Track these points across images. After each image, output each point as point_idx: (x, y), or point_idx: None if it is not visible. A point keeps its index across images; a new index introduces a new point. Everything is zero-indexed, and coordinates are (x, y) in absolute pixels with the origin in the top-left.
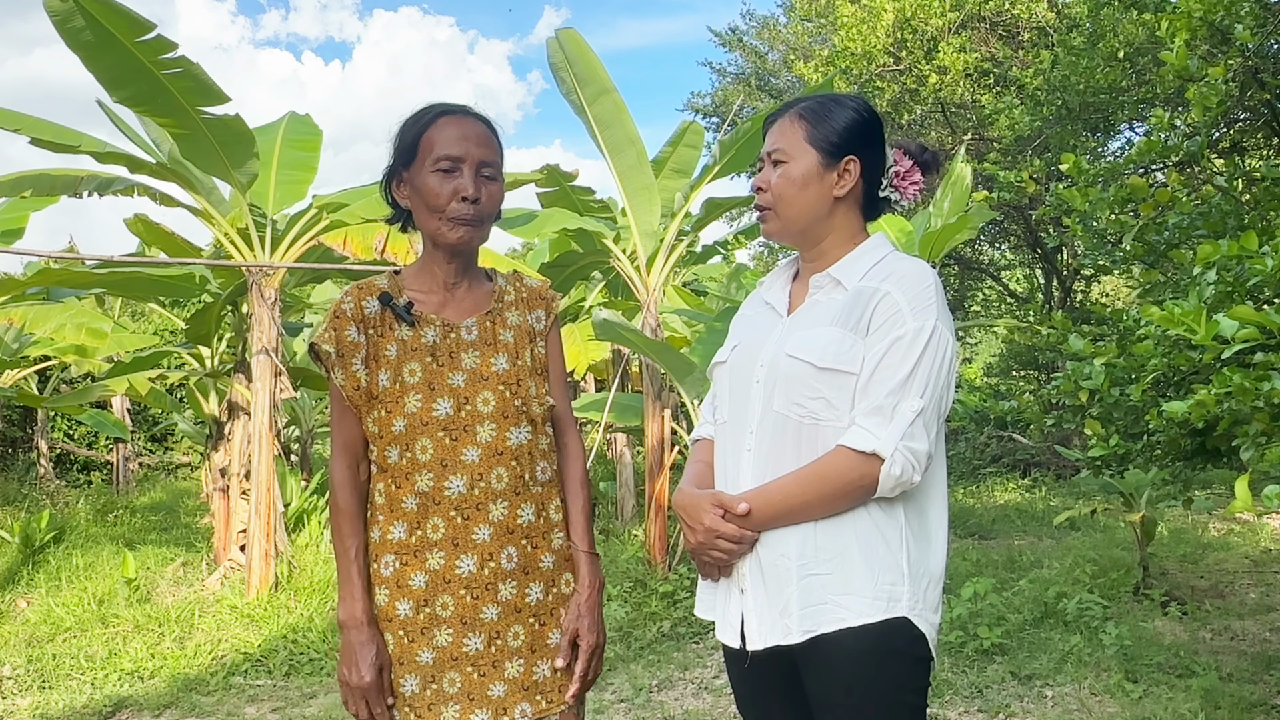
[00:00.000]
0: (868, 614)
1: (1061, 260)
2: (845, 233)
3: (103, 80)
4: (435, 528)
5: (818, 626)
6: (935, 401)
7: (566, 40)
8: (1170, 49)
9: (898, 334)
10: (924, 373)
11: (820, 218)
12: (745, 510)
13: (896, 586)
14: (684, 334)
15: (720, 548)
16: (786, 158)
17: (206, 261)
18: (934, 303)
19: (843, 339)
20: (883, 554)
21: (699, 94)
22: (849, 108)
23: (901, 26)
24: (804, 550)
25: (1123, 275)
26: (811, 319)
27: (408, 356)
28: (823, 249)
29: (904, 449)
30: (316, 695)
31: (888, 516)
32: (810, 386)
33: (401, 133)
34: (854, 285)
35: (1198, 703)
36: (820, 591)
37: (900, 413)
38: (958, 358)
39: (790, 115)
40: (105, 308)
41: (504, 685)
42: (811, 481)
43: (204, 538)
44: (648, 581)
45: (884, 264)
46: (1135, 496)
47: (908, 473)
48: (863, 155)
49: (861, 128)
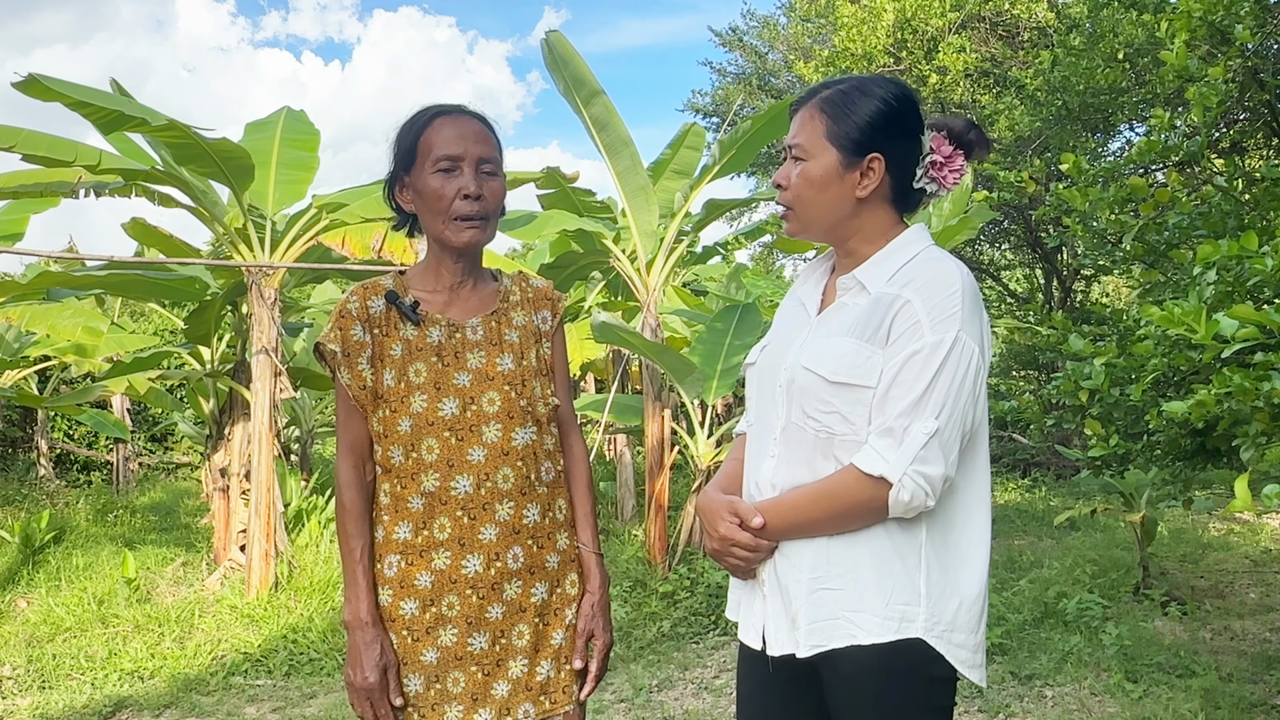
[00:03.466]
0: (878, 634)
1: (1061, 260)
2: (874, 230)
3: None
4: (442, 528)
5: (827, 642)
6: (956, 421)
7: (555, 43)
8: (1170, 49)
9: (914, 348)
10: (941, 391)
11: (843, 219)
12: (760, 524)
13: (911, 607)
14: (684, 334)
15: (736, 555)
16: (805, 155)
17: (207, 262)
18: (958, 312)
19: (858, 351)
20: (898, 572)
21: (699, 94)
22: (876, 98)
23: (901, 27)
24: (816, 564)
25: (1123, 275)
26: (832, 326)
27: (413, 356)
28: (850, 247)
29: (914, 474)
30: (316, 695)
31: (906, 535)
32: (823, 400)
33: (399, 137)
34: (877, 290)
35: (1198, 703)
36: (831, 606)
37: (912, 435)
38: (986, 368)
39: (811, 106)
40: (105, 308)
41: (507, 685)
42: (822, 499)
43: (204, 538)
44: (648, 581)
45: (911, 266)
46: (1135, 496)
47: (919, 498)
48: (890, 150)
49: (889, 119)
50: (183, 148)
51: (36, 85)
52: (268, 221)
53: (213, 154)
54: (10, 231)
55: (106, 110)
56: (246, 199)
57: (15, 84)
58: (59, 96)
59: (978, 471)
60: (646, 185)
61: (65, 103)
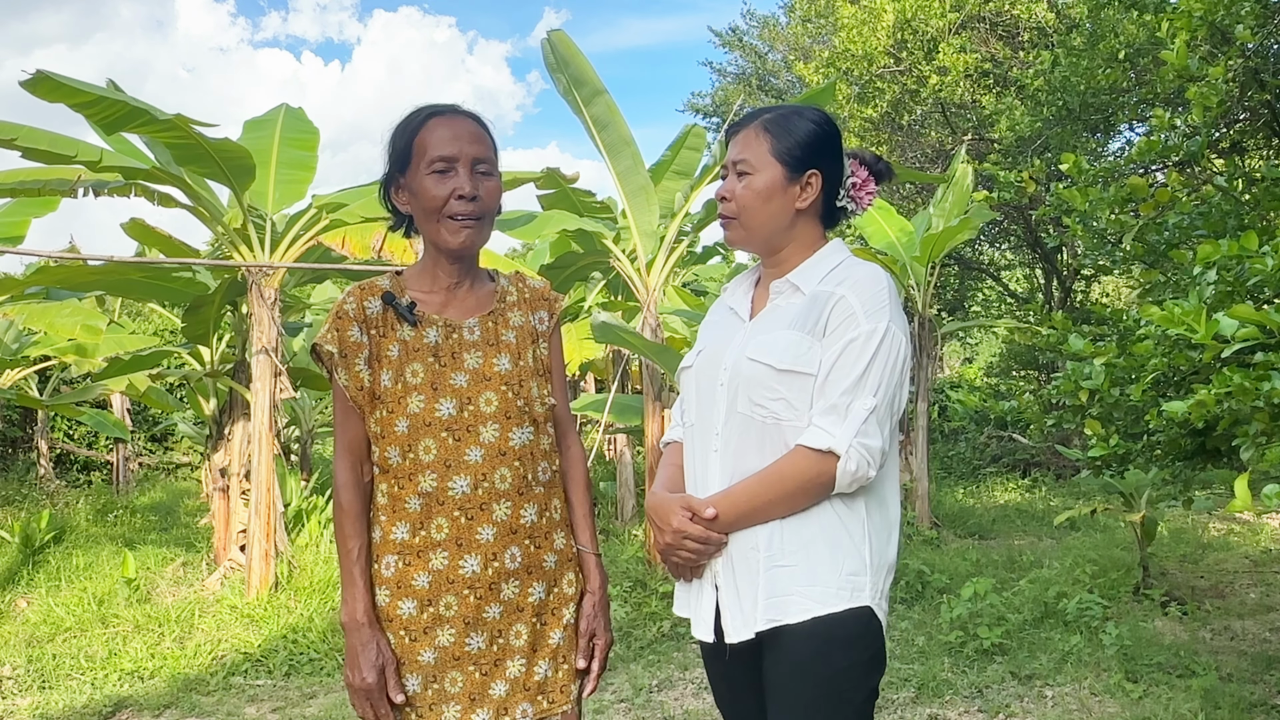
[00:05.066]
0: (832, 603)
1: (1061, 260)
2: (805, 241)
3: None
4: (439, 528)
5: (782, 616)
6: (888, 399)
7: (558, 43)
8: (1170, 49)
9: (851, 336)
10: (877, 372)
11: (782, 228)
12: (712, 515)
13: (859, 576)
14: (684, 334)
15: (688, 548)
16: (751, 169)
17: (208, 262)
18: (887, 305)
19: (800, 341)
20: (847, 546)
21: (699, 94)
22: (811, 121)
23: (902, 28)
24: (771, 543)
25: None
26: (771, 323)
27: (410, 357)
28: (783, 256)
29: (858, 445)
30: (316, 695)
31: (850, 510)
32: (770, 388)
33: (394, 138)
34: (811, 290)
35: (1198, 703)
36: (786, 583)
37: (854, 411)
38: (910, 358)
39: (755, 127)
40: (105, 308)
41: (505, 685)
42: (772, 482)
43: (204, 538)
44: (648, 581)
45: (840, 269)
46: (1135, 496)
47: (863, 468)
48: (824, 168)
49: (823, 141)
50: (184, 148)
51: (45, 83)
52: (268, 221)
53: (214, 154)
54: (10, 234)
55: (113, 106)
56: (246, 199)
57: (23, 82)
58: (67, 94)
59: (893, 451)
60: (647, 185)
61: (71, 103)
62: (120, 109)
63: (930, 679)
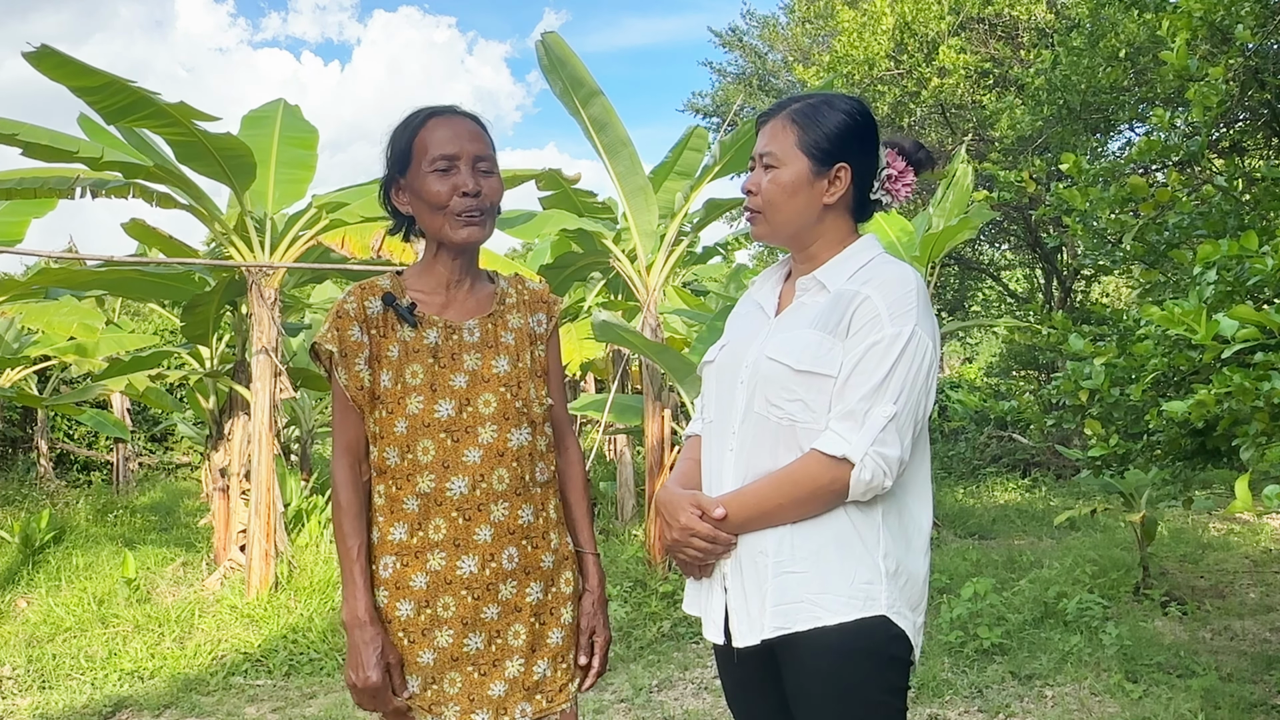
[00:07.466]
0: (843, 613)
1: (1061, 260)
2: (834, 236)
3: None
4: (437, 529)
5: (792, 624)
6: (911, 407)
7: (552, 44)
8: (1171, 49)
9: (874, 339)
10: (899, 378)
11: (809, 224)
12: (721, 515)
13: (873, 585)
14: (684, 334)
15: (695, 546)
16: (777, 163)
17: (208, 262)
18: (914, 308)
19: (821, 342)
20: (859, 553)
21: (699, 94)
22: (842, 111)
23: (902, 30)
24: (781, 548)
25: (1123, 275)
26: (793, 321)
27: (410, 358)
28: (811, 252)
29: (874, 454)
30: (316, 695)
31: (865, 516)
32: (788, 389)
33: (393, 140)
34: (837, 288)
35: (1198, 703)
36: (796, 589)
37: (872, 418)
38: (938, 362)
39: (782, 118)
40: (105, 308)
41: (504, 685)
42: (784, 485)
43: (204, 538)
44: (648, 581)
45: (869, 267)
46: (1135, 496)
47: (878, 478)
48: (854, 160)
49: (854, 132)
50: (185, 145)
51: (49, 58)
52: (267, 221)
53: (215, 151)
54: (10, 235)
55: (118, 91)
56: (247, 198)
57: (26, 54)
58: (70, 74)
59: (923, 459)
60: (646, 185)
61: (74, 85)
62: (124, 96)
63: (930, 679)
